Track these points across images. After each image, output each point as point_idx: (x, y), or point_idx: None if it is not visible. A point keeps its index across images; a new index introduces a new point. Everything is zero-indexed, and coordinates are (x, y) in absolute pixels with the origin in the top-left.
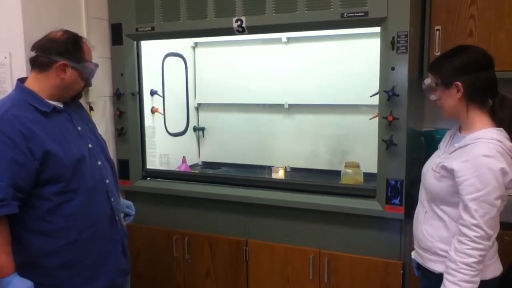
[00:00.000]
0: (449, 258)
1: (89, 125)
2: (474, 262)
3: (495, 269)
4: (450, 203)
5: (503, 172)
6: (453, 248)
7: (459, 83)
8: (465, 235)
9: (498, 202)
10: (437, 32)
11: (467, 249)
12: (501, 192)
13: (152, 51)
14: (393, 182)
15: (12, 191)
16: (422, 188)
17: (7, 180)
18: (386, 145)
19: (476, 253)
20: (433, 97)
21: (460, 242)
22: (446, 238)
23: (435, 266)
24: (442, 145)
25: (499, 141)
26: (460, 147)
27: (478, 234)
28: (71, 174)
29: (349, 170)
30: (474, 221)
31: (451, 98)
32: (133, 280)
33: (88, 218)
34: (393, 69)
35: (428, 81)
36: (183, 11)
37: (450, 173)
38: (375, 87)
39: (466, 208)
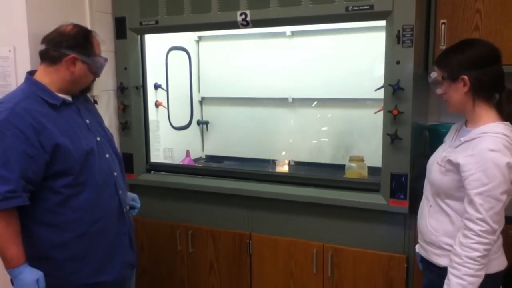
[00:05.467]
0: (453, 252)
1: (97, 118)
2: (479, 256)
3: (499, 263)
4: (455, 197)
5: (509, 166)
6: (458, 242)
7: (465, 77)
8: (470, 229)
9: (504, 197)
10: (443, 26)
11: (472, 243)
12: (507, 186)
13: (156, 45)
14: (397, 176)
15: (23, 183)
16: (426, 182)
17: (18, 172)
18: (391, 139)
19: (481, 247)
20: (439, 91)
21: (465, 236)
22: (451, 232)
23: (440, 260)
24: (448, 139)
25: (506, 135)
26: (466, 141)
27: (483, 228)
28: (80, 167)
29: (353, 164)
30: (479, 215)
31: (458, 92)
32: (137, 274)
33: (96, 210)
34: (398, 62)
35: (434, 74)
36: (187, 5)
37: (455, 167)
38: (380, 81)
39: (471, 202)
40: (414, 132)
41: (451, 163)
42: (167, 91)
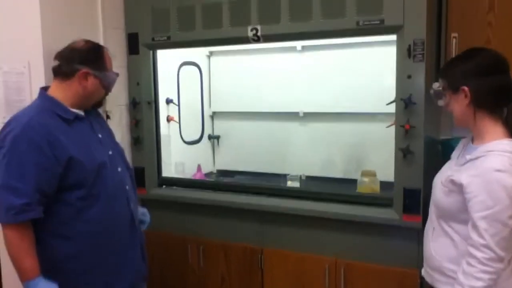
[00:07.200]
0: (457, 281)
1: (108, 132)
2: (484, 287)
3: None
4: (459, 220)
5: None
6: (461, 270)
7: (465, 88)
8: (473, 256)
9: (511, 221)
10: (454, 40)
11: (476, 272)
12: None
13: (167, 60)
14: (410, 191)
15: (38, 196)
16: (431, 203)
17: (33, 185)
18: (403, 153)
19: (485, 276)
20: (440, 102)
21: (469, 264)
22: (455, 258)
23: None
24: (454, 155)
25: None
26: (471, 160)
27: (487, 256)
28: (93, 180)
29: (365, 179)
30: (483, 242)
31: (459, 104)
32: (148, 287)
33: (108, 223)
34: (409, 77)
35: (436, 85)
36: (199, 20)
37: (458, 187)
38: (391, 95)
39: (475, 227)
40: (427, 147)
41: (454, 183)
42: (178, 106)
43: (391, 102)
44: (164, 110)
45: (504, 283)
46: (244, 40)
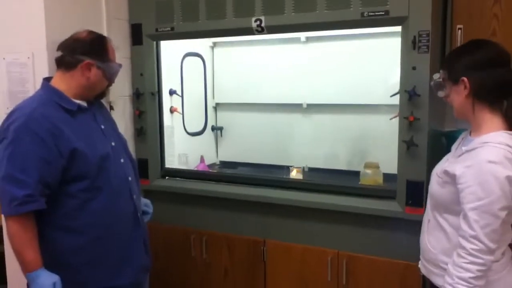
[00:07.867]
0: (447, 271)
1: (111, 123)
2: (472, 278)
3: (506, 283)
4: (453, 211)
5: (510, 180)
6: (451, 260)
7: (465, 79)
8: (463, 247)
9: (503, 214)
10: (459, 31)
11: (464, 262)
12: (507, 202)
13: (171, 51)
14: (413, 184)
15: (41, 187)
16: (428, 195)
17: (36, 177)
18: (407, 145)
19: (473, 267)
20: (440, 93)
21: (458, 255)
22: (448, 250)
23: (438, 280)
24: (453, 147)
25: (509, 146)
26: (467, 151)
27: (476, 247)
28: (96, 172)
29: (368, 171)
30: (472, 233)
31: (459, 95)
32: (150, 279)
33: (112, 215)
34: (414, 68)
35: (436, 76)
36: (202, 11)
37: (452, 178)
38: (395, 86)
39: (465, 218)
40: (431, 139)
41: (448, 174)
42: (182, 97)
43: (395, 94)
44: (167, 101)
45: (497, 275)
46: (248, 31)
